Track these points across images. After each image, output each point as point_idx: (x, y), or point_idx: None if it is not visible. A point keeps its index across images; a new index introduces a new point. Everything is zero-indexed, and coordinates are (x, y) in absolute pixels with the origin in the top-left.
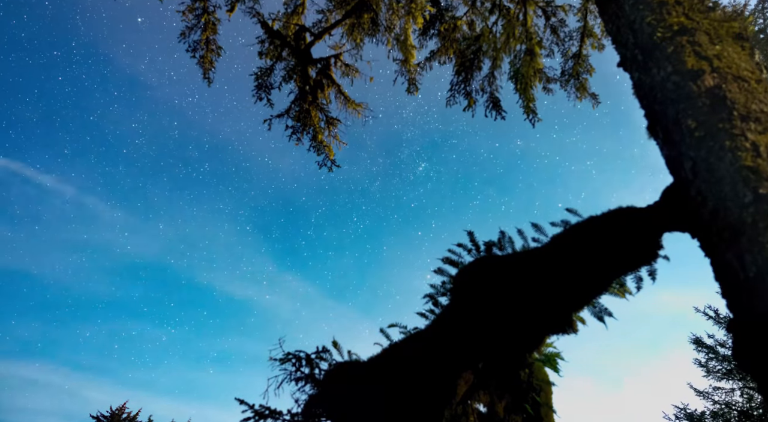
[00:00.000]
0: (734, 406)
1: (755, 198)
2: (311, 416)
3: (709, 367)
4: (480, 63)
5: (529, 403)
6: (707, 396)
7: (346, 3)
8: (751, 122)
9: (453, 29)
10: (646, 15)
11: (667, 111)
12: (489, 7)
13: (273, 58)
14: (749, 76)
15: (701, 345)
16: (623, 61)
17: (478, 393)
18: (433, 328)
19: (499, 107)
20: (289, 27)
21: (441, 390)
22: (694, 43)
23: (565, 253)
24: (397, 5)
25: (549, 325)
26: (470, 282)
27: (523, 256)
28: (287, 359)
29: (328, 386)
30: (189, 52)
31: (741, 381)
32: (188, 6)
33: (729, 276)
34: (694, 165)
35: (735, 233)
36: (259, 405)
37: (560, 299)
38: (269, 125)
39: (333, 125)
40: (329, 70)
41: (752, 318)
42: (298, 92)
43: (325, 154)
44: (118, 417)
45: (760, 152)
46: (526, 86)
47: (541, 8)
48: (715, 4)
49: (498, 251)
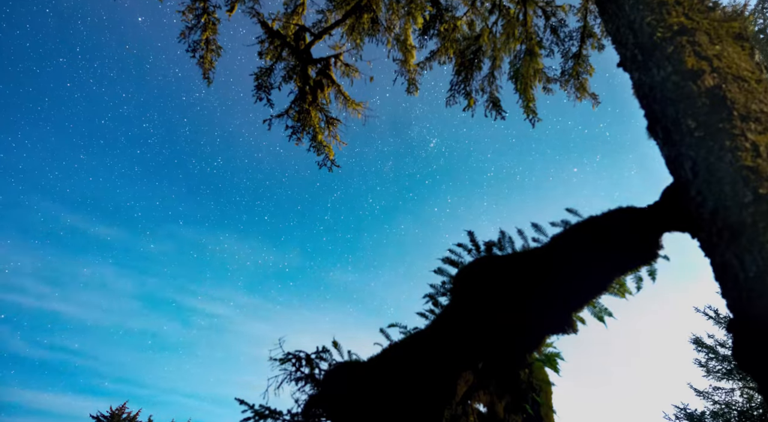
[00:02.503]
0: (734, 406)
1: (755, 198)
2: (311, 416)
3: (709, 367)
4: (480, 63)
5: (529, 403)
6: (707, 396)
7: (346, 3)
8: (751, 122)
9: (453, 29)
10: (646, 15)
11: (667, 111)
12: (489, 7)
13: (273, 58)
14: (749, 76)
15: (701, 345)
16: (623, 61)
17: (478, 393)
18: (433, 328)
19: (499, 107)
20: (289, 27)
21: (441, 390)
22: (694, 43)
23: (565, 253)
24: (397, 5)
25: (549, 325)
26: (470, 282)
27: (523, 256)
28: (287, 359)
29: (328, 386)
30: (189, 52)
31: (741, 381)
32: (188, 6)
33: (729, 276)
34: (694, 165)
35: (735, 233)
36: (259, 405)
37: (560, 299)
38: (269, 125)
39: (333, 124)
40: (329, 70)
41: (752, 318)
42: (298, 92)
43: (325, 154)
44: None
45: (760, 152)
46: (526, 86)
47: (541, 8)
48: (715, 4)
49: (498, 251)
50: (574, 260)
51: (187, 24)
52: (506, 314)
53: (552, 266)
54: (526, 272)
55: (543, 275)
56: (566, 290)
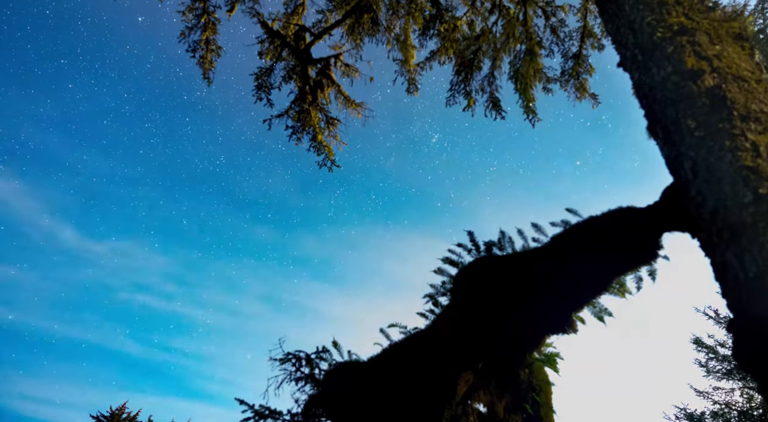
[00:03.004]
0: (734, 406)
1: (755, 198)
2: (311, 416)
3: (709, 367)
4: (480, 63)
5: (529, 403)
6: (707, 396)
7: (346, 3)
8: (751, 122)
9: (453, 29)
10: (646, 15)
11: (667, 111)
12: (489, 7)
13: (273, 58)
14: (749, 76)
15: (701, 345)
16: (623, 61)
17: (478, 393)
18: (433, 328)
19: (499, 107)
20: (289, 27)
21: (441, 390)
22: (694, 43)
23: (565, 253)
24: (397, 5)
25: (549, 325)
26: (470, 282)
27: (523, 256)
28: (287, 359)
29: (328, 386)
30: (189, 52)
31: (741, 381)
32: (188, 6)
33: (729, 276)
34: (694, 165)
35: (735, 233)
36: (259, 405)
37: (560, 299)
38: (269, 125)
39: (333, 125)
40: (329, 70)
41: (752, 318)
42: (298, 92)
43: (325, 154)
44: (118, 417)
45: (760, 152)
46: (525, 86)
47: (541, 8)
48: (715, 4)
49: (498, 251)
50: (574, 261)
51: (187, 24)
52: (506, 314)
53: (552, 266)
54: (526, 272)
55: (543, 275)
56: (566, 290)
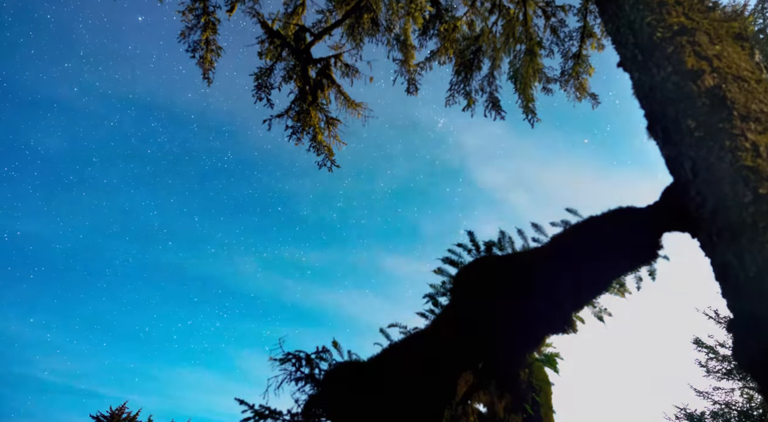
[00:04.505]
0: (734, 406)
1: (755, 198)
2: (311, 416)
3: (709, 367)
4: (480, 63)
5: (529, 403)
6: (707, 396)
7: (346, 3)
8: (751, 122)
9: (453, 29)
10: (646, 15)
11: (667, 111)
12: (489, 7)
13: (273, 59)
14: (749, 76)
15: (701, 345)
16: (623, 61)
17: (478, 393)
18: (433, 328)
19: (499, 107)
20: (289, 27)
21: (441, 390)
22: (694, 43)
23: (564, 253)
24: (396, 5)
25: (549, 325)
26: (470, 282)
27: (522, 256)
28: (287, 359)
29: (328, 386)
30: (189, 52)
31: (741, 381)
32: (188, 6)
33: (729, 276)
34: (694, 165)
35: (735, 233)
36: (259, 405)
37: (560, 299)
38: (269, 125)
39: (333, 125)
40: (329, 70)
41: (752, 318)
42: (298, 92)
43: (325, 154)
44: (118, 417)
45: (760, 152)
46: (525, 86)
47: (541, 8)
48: (715, 4)
49: (498, 251)
50: (574, 261)
51: (187, 24)
52: (506, 314)
53: (552, 266)
54: (526, 272)
55: (543, 275)
56: (566, 290)
